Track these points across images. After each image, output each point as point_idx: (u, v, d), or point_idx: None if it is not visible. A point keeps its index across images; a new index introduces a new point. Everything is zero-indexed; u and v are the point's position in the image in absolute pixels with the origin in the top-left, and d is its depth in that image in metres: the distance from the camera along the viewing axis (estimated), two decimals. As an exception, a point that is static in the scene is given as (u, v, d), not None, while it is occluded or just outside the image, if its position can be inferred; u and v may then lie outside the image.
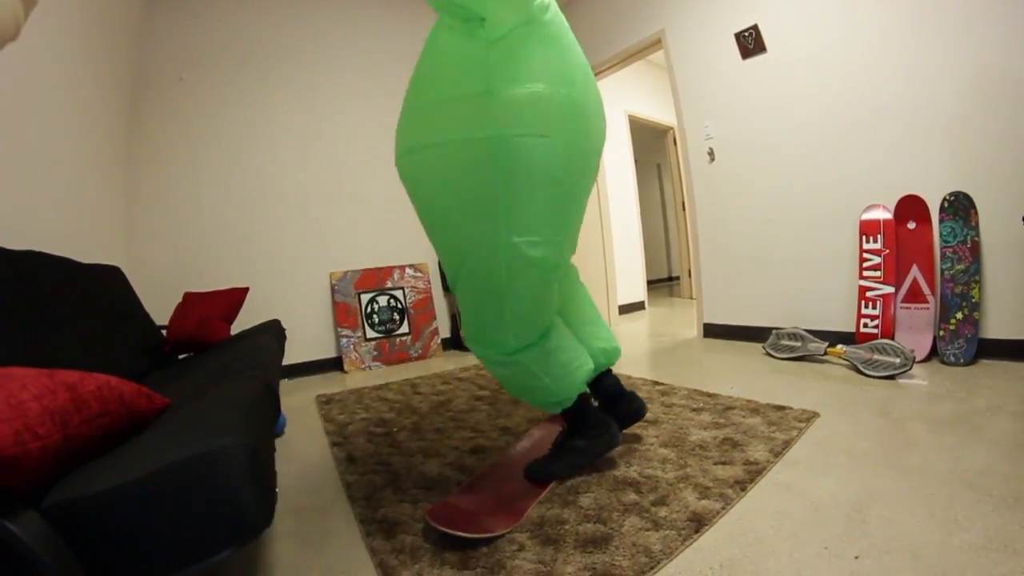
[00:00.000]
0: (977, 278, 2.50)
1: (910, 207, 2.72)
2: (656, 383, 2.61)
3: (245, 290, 2.82)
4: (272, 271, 3.87)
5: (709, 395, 2.32)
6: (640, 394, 2.08)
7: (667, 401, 2.28)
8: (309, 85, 4.12)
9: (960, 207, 2.54)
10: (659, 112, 6.15)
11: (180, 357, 2.48)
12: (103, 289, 2.24)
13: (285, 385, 3.41)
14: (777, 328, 3.17)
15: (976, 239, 2.51)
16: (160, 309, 2.76)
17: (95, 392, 0.79)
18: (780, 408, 2.03)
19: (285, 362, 2.86)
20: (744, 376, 2.68)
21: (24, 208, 2.04)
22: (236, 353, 1.87)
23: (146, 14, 3.60)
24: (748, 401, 2.17)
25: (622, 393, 1.81)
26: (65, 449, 0.69)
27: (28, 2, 0.75)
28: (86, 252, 2.41)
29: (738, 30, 3.53)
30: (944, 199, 2.58)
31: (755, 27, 3.44)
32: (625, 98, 5.82)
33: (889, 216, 2.81)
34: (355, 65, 4.30)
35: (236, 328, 2.75)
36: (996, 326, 2.49)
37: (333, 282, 4.08)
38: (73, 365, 1.51)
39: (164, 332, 2.55)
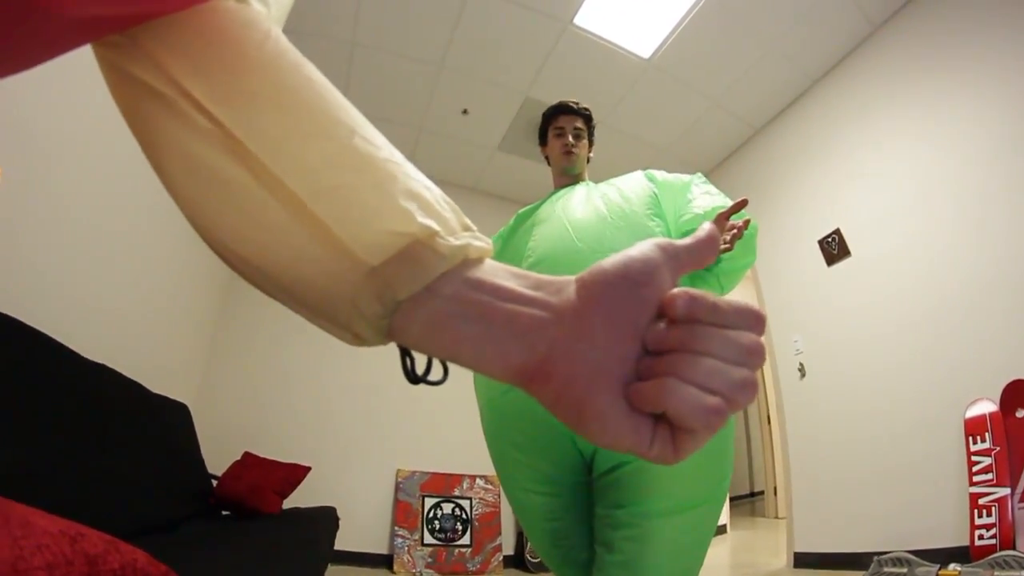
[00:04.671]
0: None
1: (1017, 393, 2.48)
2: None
3: (307, 469, 2.75)
4: (338, 454, 3.80)
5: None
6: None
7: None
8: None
9: (1071, 381, 2.31)
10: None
11: (223, 513, 2.41)
12: (165, 424, 2.24)
13: (329, 571, 3.20)
14: (879, 554, 2.73)
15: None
16: (216, 458, 2.71)
17: (116, 572, 0.69)
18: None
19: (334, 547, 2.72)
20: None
21: (111, 321, 2.13)
22: (283, 543, 1.75)
23: None
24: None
25: None
26: None
27: None
28: (158, 381, 2.44)
29: (821, 236, 3.58)
30: (1052, 375, 2.37)
31: (837, 231, 3.49)
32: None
33: (995, 408, 2.55)
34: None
35: (290, 500, 2.66)
36: None
37: (399, 479, 3.94)
38: (116, 494, 1.51)
39: (214, 482, 2.50)
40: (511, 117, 4.09)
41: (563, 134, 1.76)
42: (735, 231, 1.18)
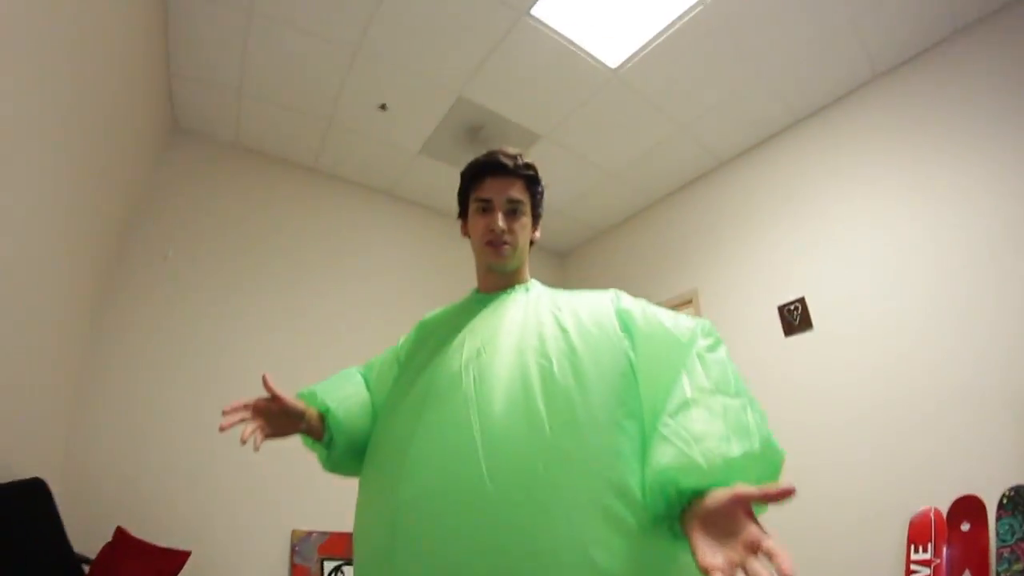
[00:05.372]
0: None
1: (965, 507, 2.35)
2: None
3: (185, 556, 2.40)
4: (225, 515, 3.14)
5: None
6: None
7: None
8: (307, 301, 3.64)
9: (1020, 502, 2.22)
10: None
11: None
12: (12, 517, 1.86)
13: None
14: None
15: (1037, 537, 2.12)
16: (88, 532, 2.29)
17: None
18: None
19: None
20: None
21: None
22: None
23: (151, 167, 3.23)
24: None
25: None
26: None
27: None
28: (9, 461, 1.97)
29: (783, 303, 3.18)
30: (1003, 495, 2.24)
31: (802, 300, 3.11)
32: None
33: (942, 518, 2.40)
34: (362, 290, 3.86)
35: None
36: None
37: (294, 542, 3.34)
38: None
39: (86, 567, 2.18)
40: (439, 118, 3.38)
41: (490, 209, 1.14)
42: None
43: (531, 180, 1.17)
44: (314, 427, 1.10)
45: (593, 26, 2.77)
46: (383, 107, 3.30)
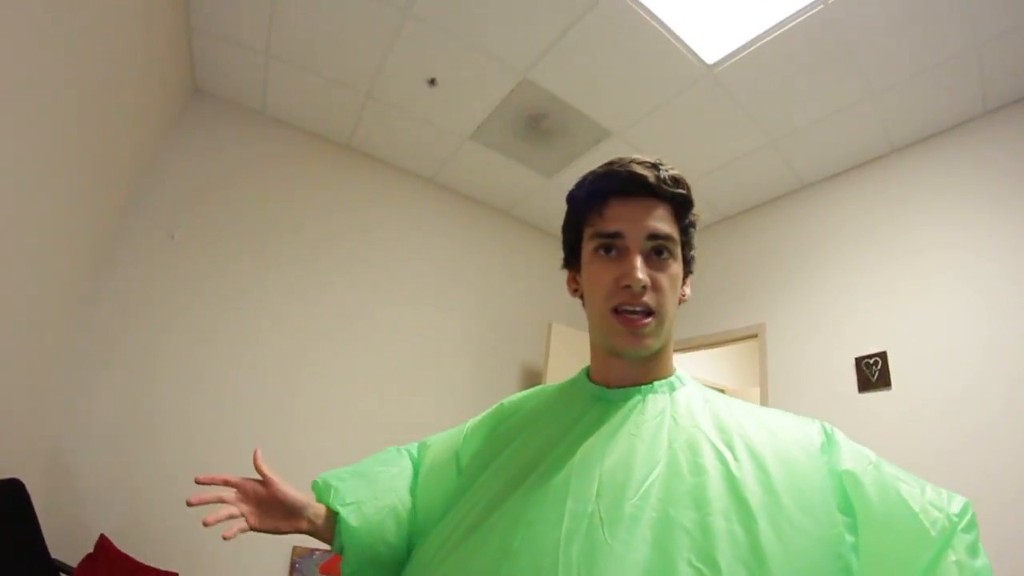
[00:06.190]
0: None
1: None
2: None
3: None
4: (218, 530, 2.77)
5: None
6: None
7: None
8: (327, 290, 3.25)
9: None
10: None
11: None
12: None
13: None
14: None
15: None
16: (70, 540, 2.19)
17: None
18: None
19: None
20: None
21: None
22: None
23: (164, 129, 2.86)
24: None
25: None
26: None
27: None
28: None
29: (862, 355, 2.80)
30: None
31: (883, 355, 2.73)
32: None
33: None
34: (391, 282, 3.50)
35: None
36: None
37: (295, 559, 3.07)
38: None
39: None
40: (496, 100, 2.93)
41: (620, 250, 0.70)
42: None
43: (683, 204, 0.73)
44: (319, 528, 0.77)
45: (695, 13, 2.31)
46: (432, 82, 2.85)
